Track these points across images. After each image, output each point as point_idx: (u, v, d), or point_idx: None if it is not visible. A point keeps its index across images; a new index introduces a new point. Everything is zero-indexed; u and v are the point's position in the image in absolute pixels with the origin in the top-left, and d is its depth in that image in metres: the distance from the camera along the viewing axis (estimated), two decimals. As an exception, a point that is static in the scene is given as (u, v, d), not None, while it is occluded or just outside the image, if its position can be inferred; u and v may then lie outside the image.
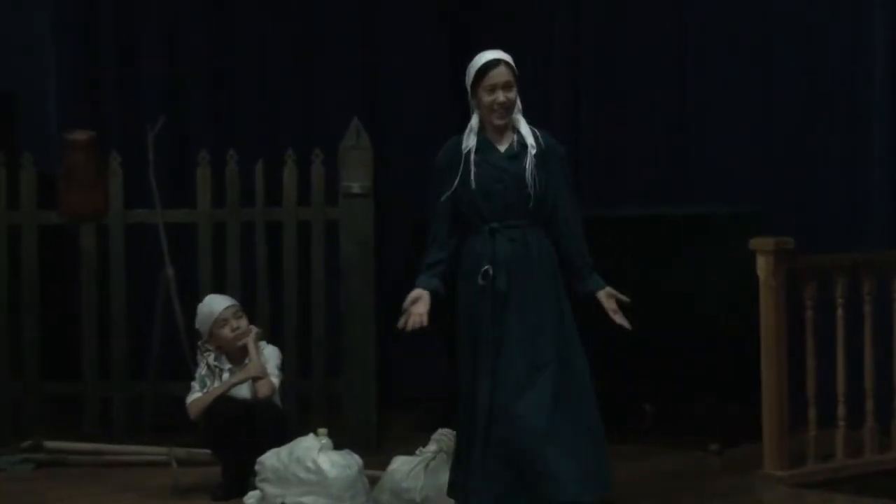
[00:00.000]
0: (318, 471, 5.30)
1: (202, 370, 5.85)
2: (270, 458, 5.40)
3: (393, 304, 7.12)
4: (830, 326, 5.98)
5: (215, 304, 5.95)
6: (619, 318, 5.09)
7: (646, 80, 7.55)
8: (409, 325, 4.94)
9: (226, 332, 5.84)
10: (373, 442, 6.49)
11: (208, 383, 5.81)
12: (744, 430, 6.29)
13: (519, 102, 5.03)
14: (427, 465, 5.43)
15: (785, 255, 5.86)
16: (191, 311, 6.58)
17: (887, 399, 6.09)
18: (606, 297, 5.11)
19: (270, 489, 5.35)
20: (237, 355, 5.85)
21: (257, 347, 5.85)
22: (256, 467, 5.43)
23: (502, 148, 5.00)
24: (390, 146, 7.63)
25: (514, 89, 4.99)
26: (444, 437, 5.52)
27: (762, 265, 5.87)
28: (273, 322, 6.85)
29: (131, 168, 7.04)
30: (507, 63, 4.97)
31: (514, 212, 4.97)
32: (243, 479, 5.60)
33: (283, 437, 5.53)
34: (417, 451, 5.53)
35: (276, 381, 5.83)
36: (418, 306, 4.95)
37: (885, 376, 6.08)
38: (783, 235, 5.96)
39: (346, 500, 5.29)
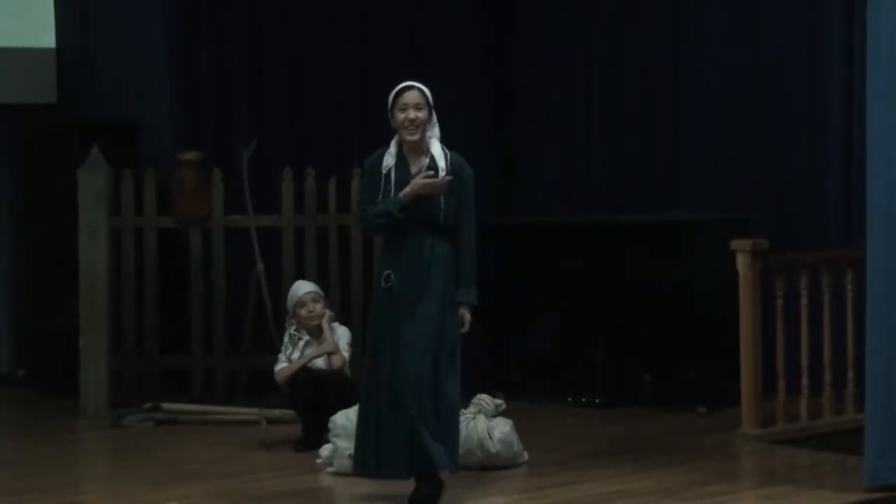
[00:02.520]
0: None
1: (286, 339, 5.89)
2: (341, 418, 5.37)
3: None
4: (796, 312, 5.97)
5: (299, 288, 5.97)
6: (464, 330, 4.75)
7: (647, 105, 7.46)
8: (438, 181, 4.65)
9: (303, 312, 5.86)
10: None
11: (290, 349, 5.84)
12: (726, 397, 6.27)
13: (437, 130, 4.78)
14: (468, 424, 5.41)
15: (760, 254, 5.86)
16: (277, 299, 6.65)
17: (842, 371, 6.05)
18: (460, 315, 4.74)
19: (340, 443, 5.32)
20: (314, 332, 5.87)
21: (331, 328, 5.88)
22: (329, 425, 5.41)
23: (415, 169, 4.73)
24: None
25: (426, 111, 4.72)
26: (481, 401, 5.52)
27: (741, 262, 5.88)
28: (343, 307, 6.88)
29: (230, 181, 7.08)
30: (419, 89, 4.73)
31: (419, 226, 4.70)
32: (319, 434, 5.60)
33: (351, 400, 5.47)
34: (460, 412, 5.42)
35: (346, 355, 5.84)
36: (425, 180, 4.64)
37: (841, 352, 6.05)
38: (759, 238, 5.96)
39: (402, 452, 5.27)
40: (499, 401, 5.59)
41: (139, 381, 7.06)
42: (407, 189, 4.69)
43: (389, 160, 4.76)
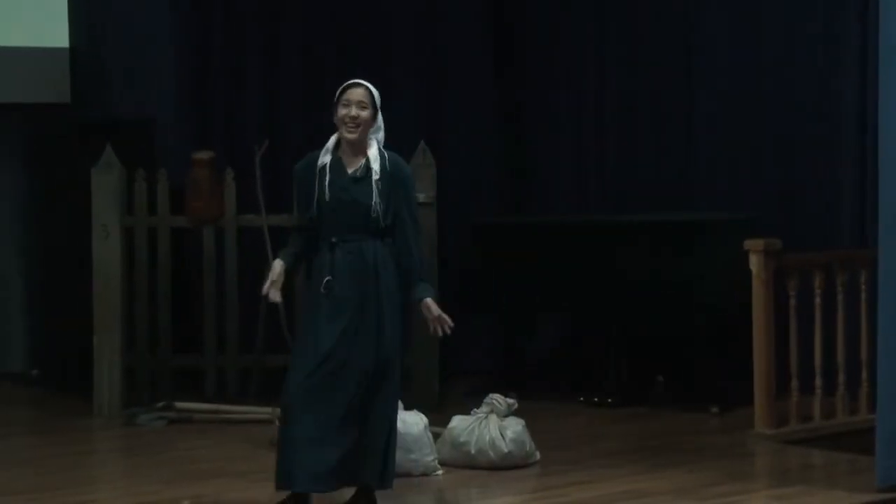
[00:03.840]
0: None
1: None
2: (354, 417, 5.44)
3: (452, 293, 7.27)
4: (810, 312, 5.96)
5: None
6: (437, 325, 4.58)
7: (658, 107, 7.47)
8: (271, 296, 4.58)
9: None
10: (435, 404, 6.47)
11: None
12: (739, 397, 6.27)
13: (382, 134, 4.59)
14: (480, 423, 5.45)
15: (773, 254, 5.86)
16: (288, 298, 6.65)
17: (856, 371, 6.05)
18: (426, 308, 4.58)
19: (354, 442, 5.39)
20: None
21: None
22: (342, 424, 5.47)
23: (350, 170, 4.54)
24: (450, 164, 7.58)
25: (369, 111, 4.51)
26: (493, 401, 5.54)
27: (754, 262, 5.87)
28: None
29: (242, 181, 7.08)
30: (366, 88, 4.54)
31: (354, 229, 4.52)
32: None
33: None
34: (472, 412, 5.54)
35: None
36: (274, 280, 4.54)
37: (854, 352, 6.04)
38: (772, 237, 5.95)
39: (414, 452, 5.27)
40: (511, 400, 5.60)
41: (152, 380, 7.07)
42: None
43: (326, 158, 4.57)
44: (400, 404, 5.38)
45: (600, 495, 4.98)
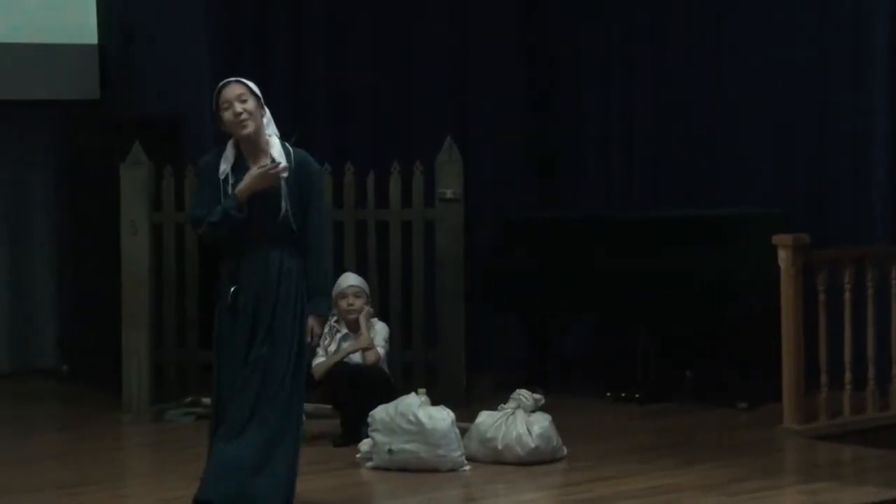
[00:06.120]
0: (419, 423, 5.29)
1: (325, 329, 5.84)
2: (380, 412, 5.40)
3: (479, 290, 7.27)
4: (839, 307, 5.94)
5: (344, 280, 6.00)
6: (311, 344, 4.46)
7: (687, 102, 7.43)
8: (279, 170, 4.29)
9: (343, 304, 5.89)
10: (462, 400, 6.46)
11: (328, 339, 5.86)
12: (767, 392, 6.24)
13: (274, 127, 4.42)
14: (507, 419, 5.44)
15: (802, 249, 5.84)
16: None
17: (886, 366, 6.02)
18: (311, 321, 4.42)
19: (380, 438, 5.36)
20: (352, 326, 5.90)
21: (368, 324, 5.90)
22: (368, 419, 5.43)
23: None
24: (477, 160, 7.60)
25: (252, 101, 4.34)
26: (520, 396, 5.53)
27: (783, 257, 5.85)
28: (381, 303, 6.87)
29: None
30: (237, 81, 4.39)
31: (260, 234, 4.34)
32: (358, 429, 5.61)
33: (389, 395, 5.54)
34: (499, 408, 5.53)
35: (381, 351, 5.86)
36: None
37: (884, 348, 6.02)
38: (801, 233, 5.93)
39: (442, 447, 5.27)
40: (538, 396, 5.59)
41: (180, 376, 7.08)
42: (242, 184, 4.29)
43: (225, 165, 4.37)
44: (427, 399, 5.44)
45: (627, 491, 4.96)
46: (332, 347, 5.91)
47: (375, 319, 6.00)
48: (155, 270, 6.84)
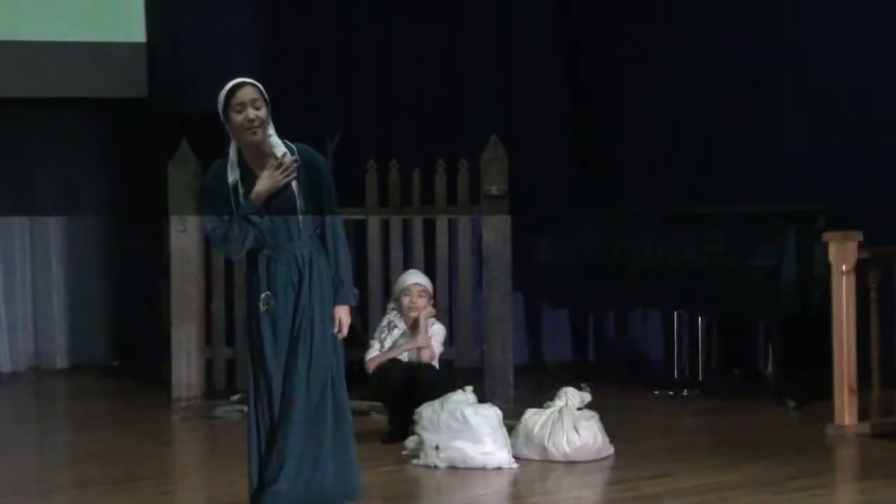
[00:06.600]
0: (465, 420, 5.28)
1: (382, 322, 5.95)
2: (427, 409, 5.40)
3: (525, 287, 7.26)
4: (891, 304, 5.86)
5: (408, 277, 6.03)
6: (339, 335, 4.32)
7: (734, 99, 7.38)
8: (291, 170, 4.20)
9: (405, 301, 5.91)
10: (509, 397, 6.46)
11: (384, 333, 5.91)
12: (818, 390, 6.16)
13: (272, 129, 4.25)
14: (554, 417, 5.42)
15: (853, 246, 5.77)
16: (362, 290, 6.66)
17: (939, 364, 5.97)
18: (338, 312, 4.32)
19: (427, 435, 5.36)
20: (412, 323, 5.92)
21: (427, 324, 5.91)
22: (415, 417, 5.44)
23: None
24: (522, 156, 7.58)
25: (264, 110, 4.22)
26: (567, 394, 5.51)
27: (834, 254, 5.79)
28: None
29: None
30: (254, 85, 4.26)
31: (284, 237, 4.25)
32: (406, 426, 5.62)
33: (439, 392, 5.53)
34: (545, 405, 5.52)
35: (437, 351, 5.89)
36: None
37: (938, 345, 5.97)
38: (852, 230, 5.86)
39: (488, 445, 5.27)
40: (584, 393, 5.57)
41: (229, 372, 7.13)
42: (257, 186, 4.18)
43: (233, 173, 4.24)
44: (473, 396, 5.43)
45: (675, 489, 4.93)
46: (389, 342, 5.93)
47: (434, 320, 6.00)
48: (203, 267, 6.88)
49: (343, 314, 4.33)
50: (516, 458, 5.37)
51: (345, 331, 4.34)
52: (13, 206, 8.06)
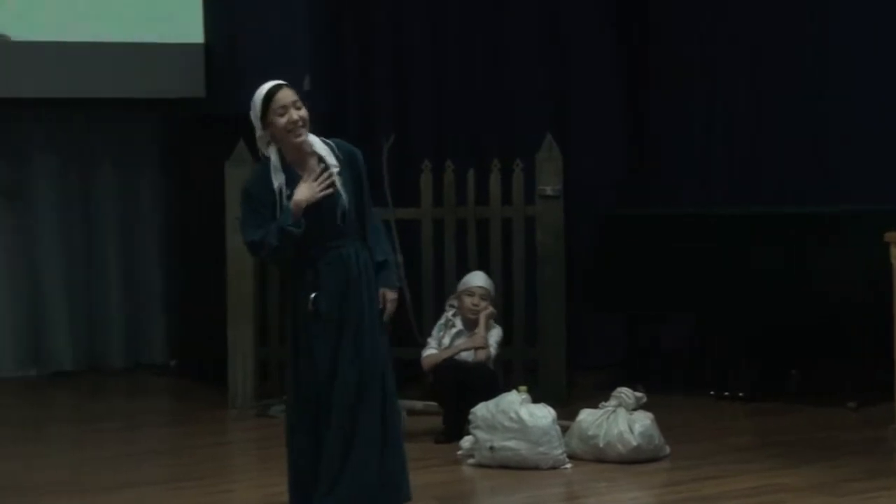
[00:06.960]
0: (520, 420, 5.30)
1: (441, 321, 5.99)
2: (481, 409, 5.41)
3: (580, 287, 7.23)
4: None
5: (475, 278, 6.06)
6: (385, 317, 4.31)
7: (792, 98, 7.30)
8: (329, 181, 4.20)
9: (467, 303, 5.96)
10: (564, 397, 6.45)
11: (442, 332, 5.93)
12: (878, 392, 6.08)
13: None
14: (608, 417, 5.42)
15: (914, 245, 5.72)
16: (415, 290, 6.69)
17: None
18: (385, 295, 4.33)
19: (481, 434, 5.37)
20: (469, 324, 5.95)
21: (487, 325, 5.93)
22: (470, 417, 5.45)
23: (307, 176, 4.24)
24: (577, 157, 7.54)
25: (304, 110, 4.25)
26: (622, 394, 5.50)
27: (895, 254, 5.73)
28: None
29: (370, 174, 7.18)
30: (288, 86, 4.28)
31: (329, 235, 4.23)
32: (460, 426, 5.64)
33: (493, 392, 5.56)
34: (600, 405, 5.51)
35: (493, 352, 5.91)
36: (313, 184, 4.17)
37: None
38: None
39: (542, 445, 5.27)
40: (639, 394, 5.55)
41: (281, 372, 7.19)
42: (297, 196, 4.17)
43: (279, 177, 4.23)
44: (528, 397, 5.43)
45: (731, 490, 4.90)
46: (446, 341, 5.95)
47: (493, 322, 6.01)
48: (259, 267, 6.94)
49: (388, 293, 4.30)
50: (571, 458, 5.37)
51: (391, 310, 4.29)
52: (72, 206, 8.18)
